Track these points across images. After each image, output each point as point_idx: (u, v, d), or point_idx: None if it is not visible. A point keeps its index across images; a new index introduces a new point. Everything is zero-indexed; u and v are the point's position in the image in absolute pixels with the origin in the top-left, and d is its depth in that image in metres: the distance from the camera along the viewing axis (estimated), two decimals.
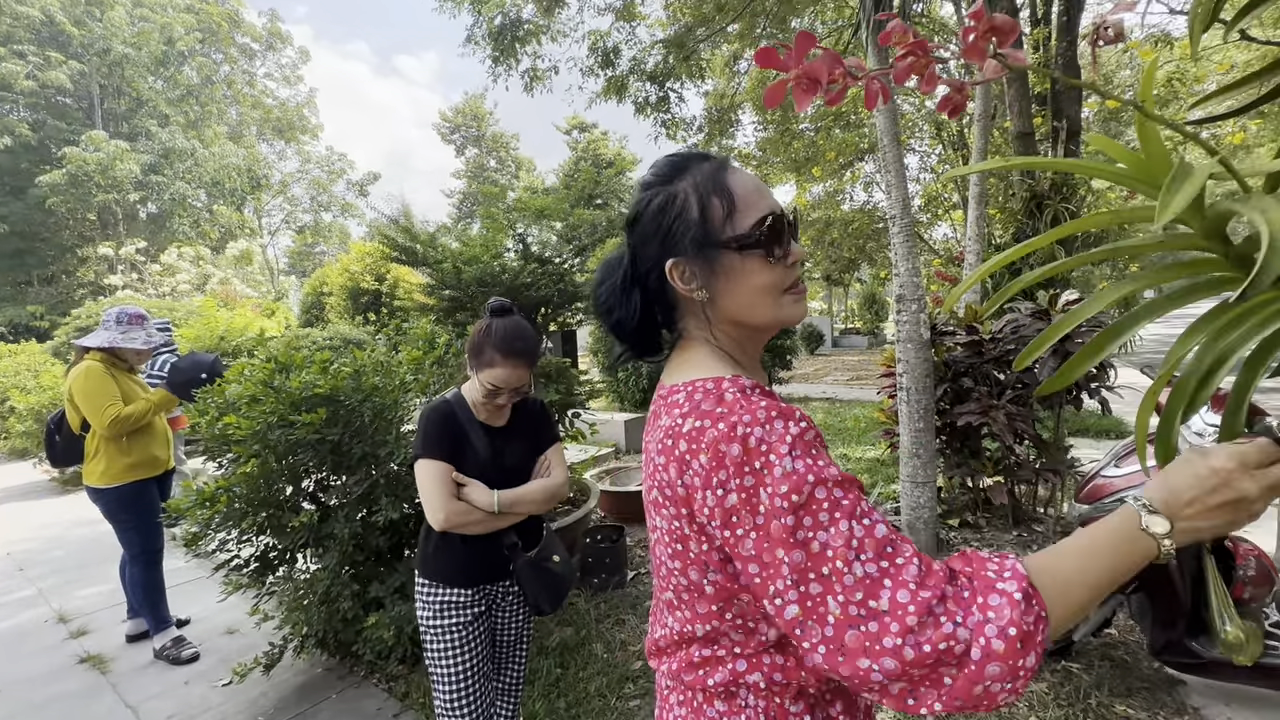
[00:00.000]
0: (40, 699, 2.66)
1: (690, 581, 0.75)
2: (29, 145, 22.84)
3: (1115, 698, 2.25)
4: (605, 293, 0.87)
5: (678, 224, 0.79)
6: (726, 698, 0.77)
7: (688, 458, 0.70)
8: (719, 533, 0.68)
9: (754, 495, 0.64)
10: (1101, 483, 2.25)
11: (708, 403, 0.71)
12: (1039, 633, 0.58)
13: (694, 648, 0.78)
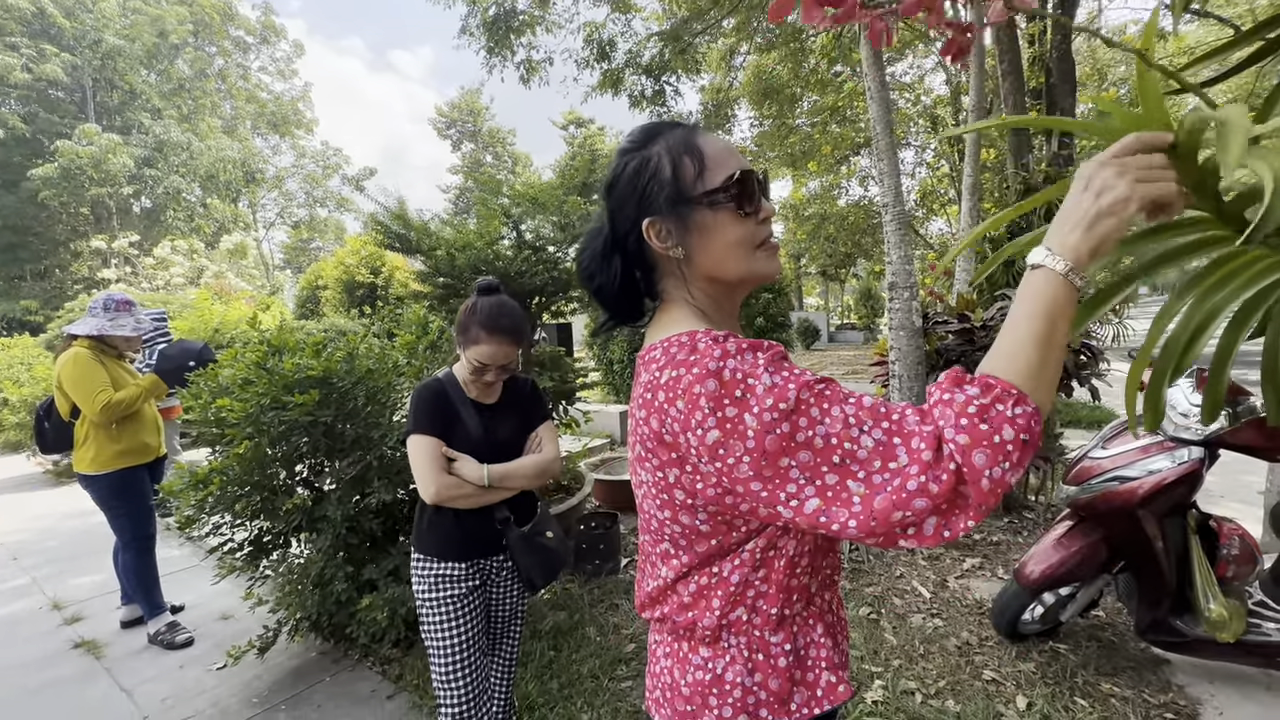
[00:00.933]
0: (35, 684, 2.67)
1: (684, 526, 0.77)
2: (21, 138, 22.68)
3: (1101, 676, 2.28)
4: (588, 259, 0.90)
5: (652, 184, 0.81)
6: (710, 642, 0.80)
7: (665, 406, 0.72)
8: (710, 467, 0.69)
9: (739, 422, 0.66)
10: (1089, 464, 2.27)
11: (681, 354, 0.74)
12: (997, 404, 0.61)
13: (682, 584, 0.81)
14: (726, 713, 0.78)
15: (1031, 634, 2.51)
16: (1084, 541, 2.25)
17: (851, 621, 2.72)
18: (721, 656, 0.79)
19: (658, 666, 0.86)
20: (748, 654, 0.79)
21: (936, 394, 0.65)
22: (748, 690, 0.78)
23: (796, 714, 0.79)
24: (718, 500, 0.72)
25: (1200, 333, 0.71)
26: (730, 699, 0.78)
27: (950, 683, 2.27)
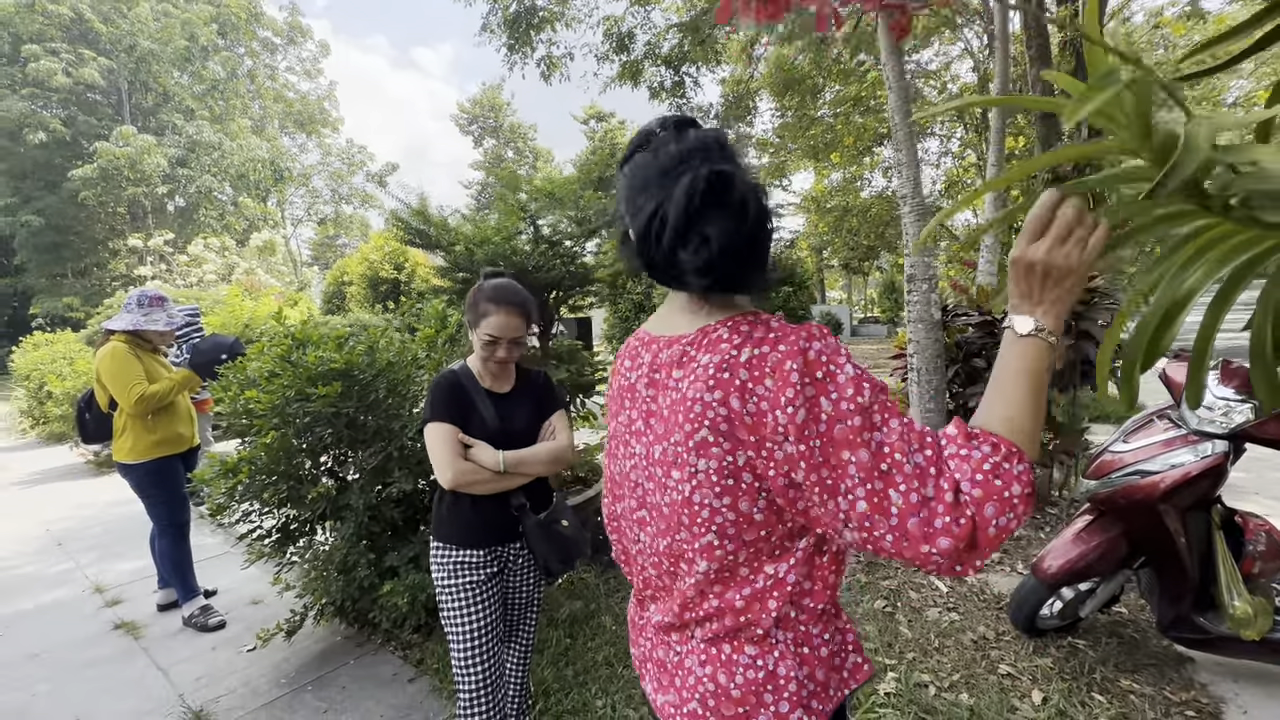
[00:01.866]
0: (78, 662, 2.81)
1: (739, 514, 0.77)
2: (62, 141, 23.46)
3: (1121, 673, 2.25)
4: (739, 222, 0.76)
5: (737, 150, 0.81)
6: (758, 640, 0.80)
7: (750, 384, 0.73)
8: (792, 447, 0.70)
9: (815, 404, 0.69)
10: (1110, 458, 2.23)
11: (759, 332, 0.75)
12: (1006, 462, 0.67)
13: (734, 590, 0.80)
14: (784, 708, 0.77)
15: (1050, 629, 2.49)
16: (1104, 536, 2.22)
17: (866, 614, 2.72)
18: (770, 653, 0.79)
19: (691, 678, 0.83)
20: (795, 648, 0.80)
21: (952, 448, 0.70)
22: (801, 683, 0.79)
23: (834, 698, 0.82)
24: (782, 491, 0.74)
25: (1173, 316, 0.71)
26: (786, 693, 0.78)
27: (965, 676, 2.27)
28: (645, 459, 0.86)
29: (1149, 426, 2.21)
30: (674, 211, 0.75)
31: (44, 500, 5.81)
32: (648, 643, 0.94)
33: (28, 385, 9.19)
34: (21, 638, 3.06)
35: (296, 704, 2.38)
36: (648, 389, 0.87)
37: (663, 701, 0.87)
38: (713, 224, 0.75)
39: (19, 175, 23.41)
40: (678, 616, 0.85)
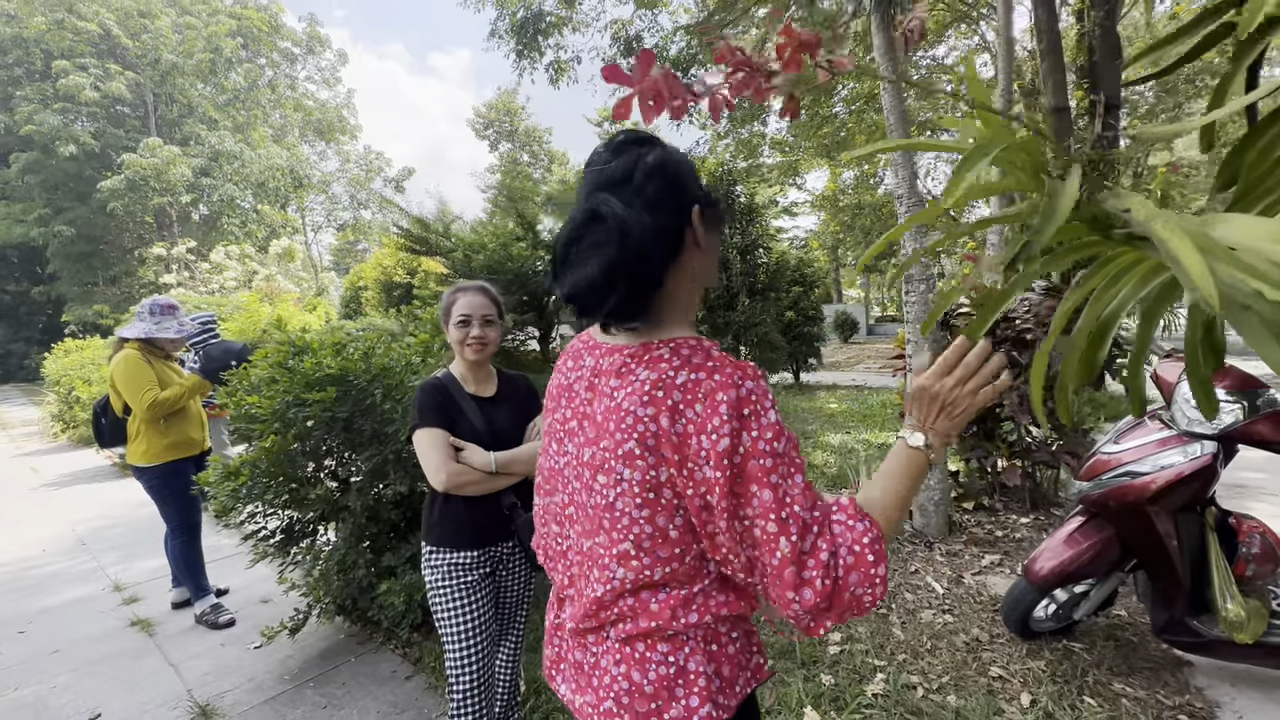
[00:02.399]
0: (96, 657, 2.92)
1: (656, 528, 0.80)
2: (92, 153, 24.15)
3: (1115, 676, 2.23)
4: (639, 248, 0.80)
5: (692, 180, 0.85)
6: (670, 638, 0.83)
7: (681, 406, 0.77)
8: (710, 473, 0.75)
9: (738, 437, 0.74)
10: (1102, 459, 2.21)
11: (697, 357, 0.80)
12: (878, 543, 0.76)
13: (649, 595, 0.83)
14: (694, 702, 0.81)
15: (1045, 632, 2.47)
16: (1096, 538, 2.20)
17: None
18: (681, 649, 0.83)
19: (606, 678, 0.85)
20: (704, 645, 0.84)
21: (841, 516, 0.78)
22: (710, 679, 0.83)
23: (740, 694, 0.87)
24: (697, 512, 0.78)
25: (1102, 334, 0.73)
26: (696, 688, 0.82)
27: (954, 678, 2.26)
28: (576, 459, 0.89)
29: (1140, 427, 2.19)
30: (556, 251, 0.83)
31: (71, 501, 6.02)
32: (563, 644, 0.96)
33: (58, 390, 9.51)
34: (44, 634, 3.18)
35: (298, 699, 2.45)
36: (586, 392, 0.90)
37: (581, 703, 0.89)
38: (583, 264, 0.80)
39: (51, 187, 24.16)
40: (594, 619, 0.87)
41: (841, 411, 7.66)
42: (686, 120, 11.29)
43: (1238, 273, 0.49)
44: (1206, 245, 0.51)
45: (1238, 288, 0.49)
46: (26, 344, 25.97)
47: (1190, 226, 0.53)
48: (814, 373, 11.55)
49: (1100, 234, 0.68)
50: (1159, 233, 0.53)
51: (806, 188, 21.39)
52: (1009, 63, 4.89)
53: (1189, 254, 0.49)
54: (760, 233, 5.38)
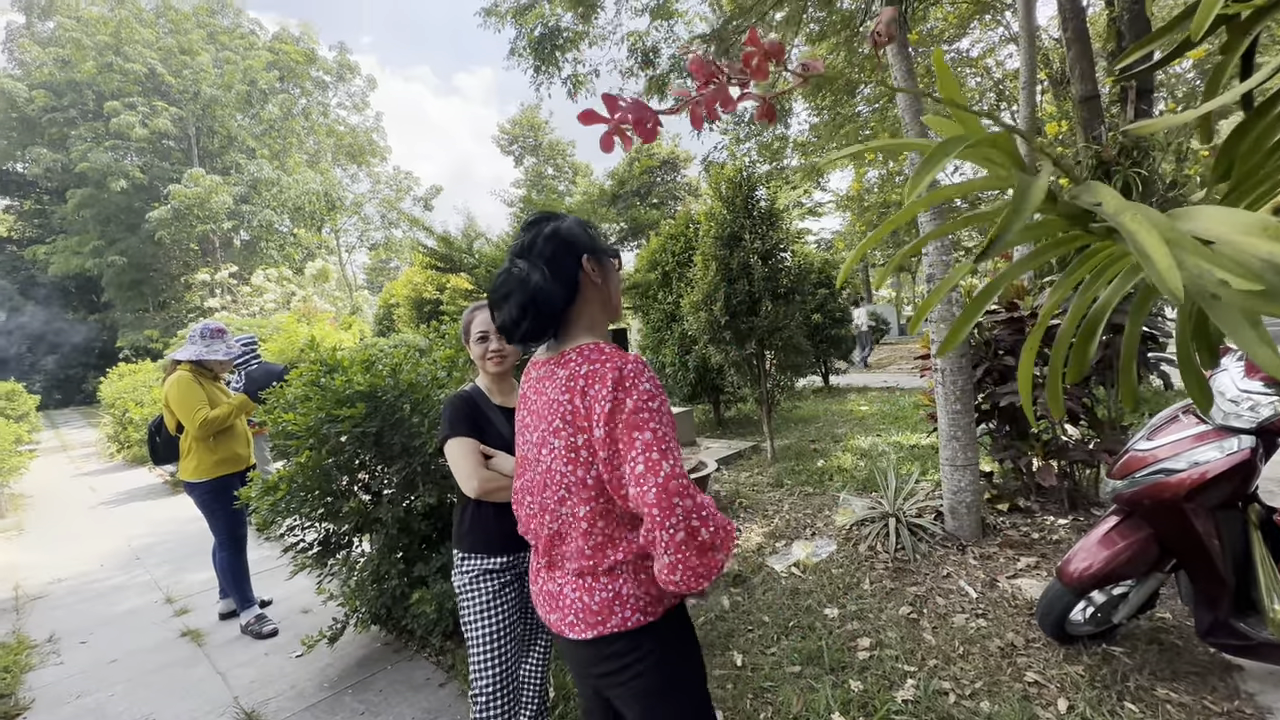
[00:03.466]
0: (151, 666, 3.06)
1: (577, 479, 1.13)
2: (141, 186, 25.42)
3: (1158, 681, 2.15)
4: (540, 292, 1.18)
5: (586, 237, 1.25)
6: (608, 572, 1.16)
7: (584, 387, 1.11)
8: (602, 430, 1.07)
9: (622, 400, 1.07)
10: (1135, 456, 2.15)
11: (594, 354, 1.14)
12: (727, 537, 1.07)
13: (587, 536, 1.15)
14: (627, 613, 1.14)
15: (1083, 635, 2.40)
16: (1132, 538, 2.13)
17: (890, 621, 2.69)
18: (616, 580, 1.15)
19: (567, 601, 1.18)
20: (634, 575, 1.16)
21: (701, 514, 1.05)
22: (639, 598, 1.15)
23: (666, 606, 1.19)
24: (604, 462, 1.09)
25: (1092, 328, 0.73)
26: (629, 605, 1.14)
27: (988, 684, 2.22)
28: (533, 444, 1.23)
29: (1174, 423, 2.12)
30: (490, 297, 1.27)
31: (127, 518, 6.33)
32: (541, 581, 1.27)
33: (113, 413, 9.99)
34: (103, 644, 3.36)
35: (338, 706, 2.53)
36: (532, 395, 1.26)
37: (554, 619, 1.21)
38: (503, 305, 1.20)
39: (104, 220, 25.49)
40: (551, 553, 1.21)
41: (872, 414, 7.54)
42: (707, 128, 11.32)
43: (1204, 263, 0.50)
44: (1173, 237, 0.52)
45: (1205, 278, 0.50)
46: (84, 369, 27.33)
47: (1158, 219, 0.54)
48: (844, 375, 11.39)
49: (1080, 228, 0.69)
50: (1127, 225, 0.54)
51: (830, 188, 21.17)
52: (1031, 53, 4.78)
53: (1155, 246, 0.50)
54: (782, 236, 5.35)
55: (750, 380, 5.51)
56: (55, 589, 4.34)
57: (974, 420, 3.42)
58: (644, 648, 1.15)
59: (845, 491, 4.45)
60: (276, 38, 31.95)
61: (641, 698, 1.18)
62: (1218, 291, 0.51)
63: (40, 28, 26.55)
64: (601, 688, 1.23)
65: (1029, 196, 0.60)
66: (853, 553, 3.41)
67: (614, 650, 1.15)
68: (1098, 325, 0.77)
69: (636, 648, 1.15)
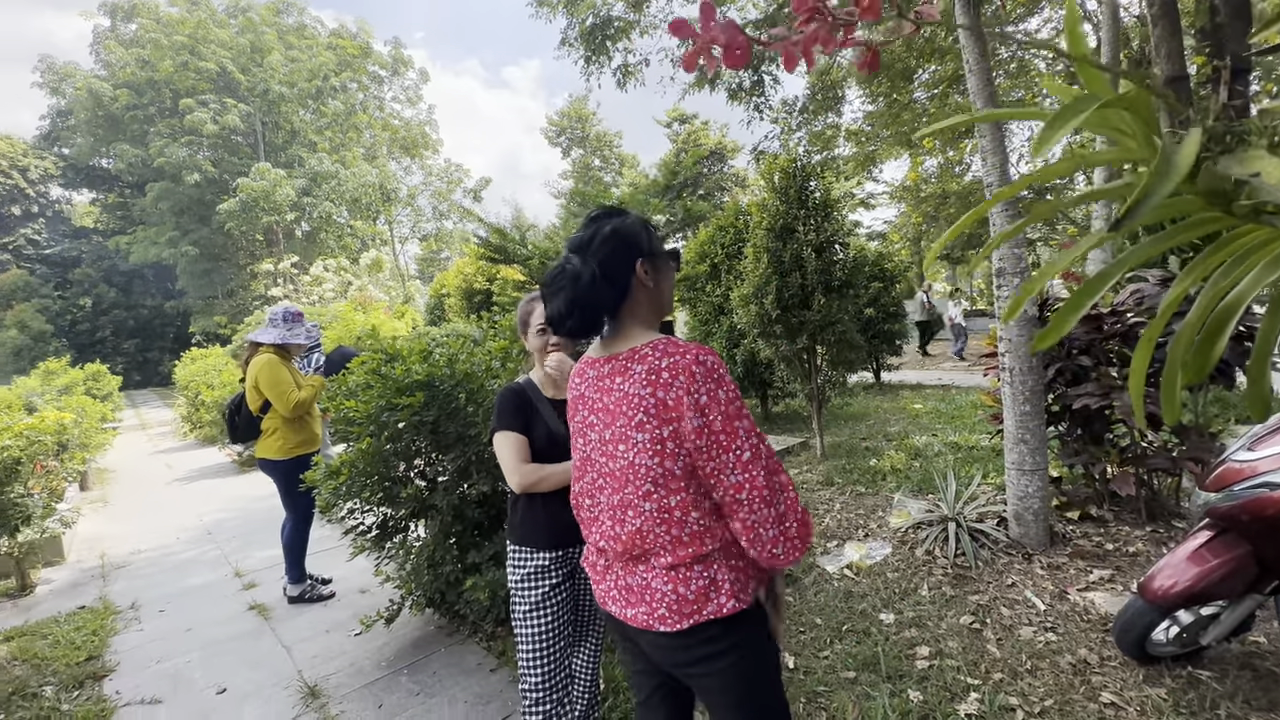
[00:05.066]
0: (222, 635, 3.24)
1: (665, 470, 1.14)
2: (212, 180, 26.86)
3: (1252, 710, 2.00)
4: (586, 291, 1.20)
5: (646, 239, 1.26)
6: (702, 561, 1.17)
7: (669, 380, 1.11)
8: (697, 419, 1.09)
9: (715, 393, 1.10)
10: (1233, 467, 1.98)
11: (670, 348, 1.15)
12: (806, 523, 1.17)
13: (681, 525, 1.16)
14: (722, 599, 1.15)
15: (1165, 656, 2.24)
16: (1227, 555, 1.97)
17: (950, 630, 2.58)
18: (711, 567, 1.17)
19: (659, 594, 1.18)
20: (727, 561, 1.18)
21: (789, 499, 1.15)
22: (733, 583, 1.17)
23: (754, 591, 1.21)
24: (696, 453, 1.11)
25: (1222, 323, 0.66)
26: (724, 590, 1.16)
27: (1059, 702, 2.10)
28: (600, 441, 1.24)
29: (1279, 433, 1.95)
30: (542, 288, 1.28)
31: (199, 494, 6.71)
32: (614, 577, 1.27)
33: (186, 394, 10.61)
34: (180, 614, 3.57)
35: (394, 686, 2.61)
36: (595, 394, 1.25)
37: (633, 613, 1.21)
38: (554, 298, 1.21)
39: (179, 212, 27.07)
40: (637, 548, 1.19)
41: (926, 412, 7.28)
42: (758, 116, 11.09)
43: None
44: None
45: None
46: (161, 352, 29.17)
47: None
48: (896, 371, 11.04)
49: (1221, 208, 0.61)
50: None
51: (884, 179, 20.48)
52: (1115, 31, 4.47)
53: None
54: (836, 228, 5.19)
55: (800, 375, 5.39)
56: (135, 559, 4.64)
57: (1044, 422, 3.24)
58: (739, 632, 1.18)
59: (900, 493, 4.31)
60: (334, 33, 33.03)
61: (736, 684, 1.20)
62: None
63: (123, 29, 28.22)
64: (689, 677, 1.24)
65: (1175, 161, 0.52)
66: (909, 556, 3.30)
67: (709, 636, 1.17)
68: (1228, 321, 0.69)
69: (731, 633, 1.17)
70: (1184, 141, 0.53)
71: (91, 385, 12.15)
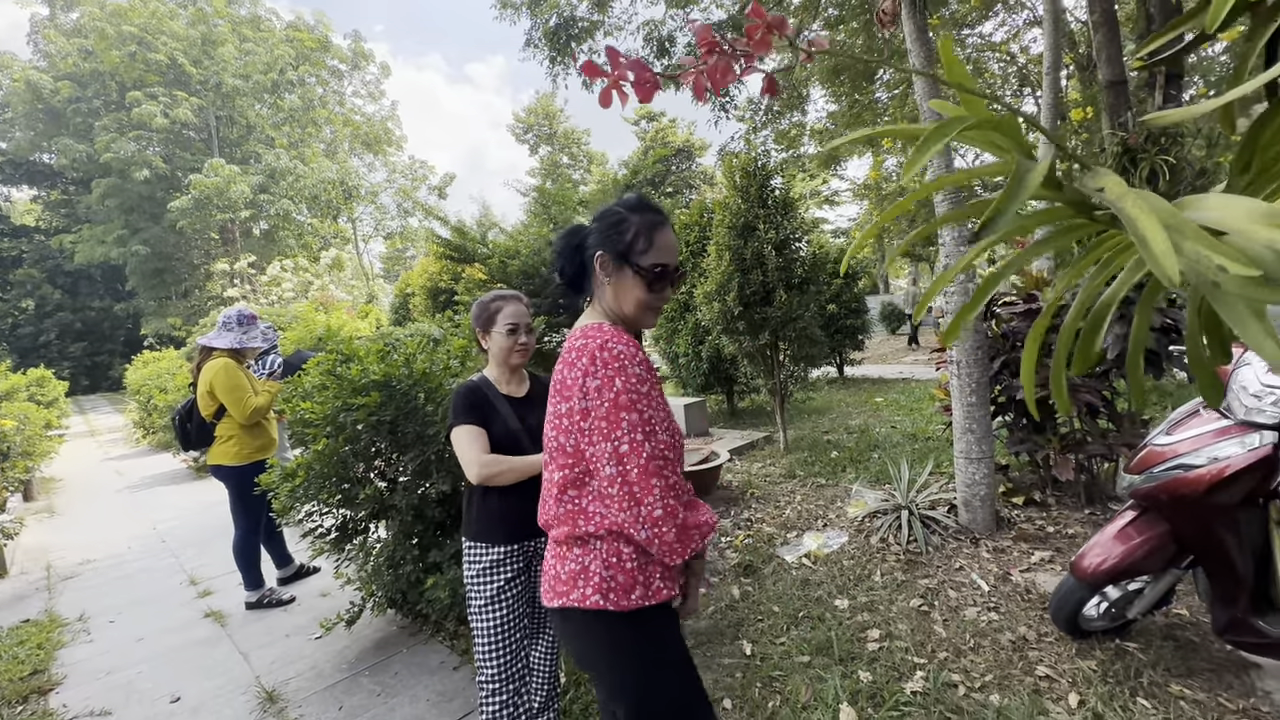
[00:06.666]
0: (176, 644, 3.16)
1: (559, 444, 1.20)
2: (163, 175, 25.84)
3: (1173, 677, 2.14)
4: (562, 246, 1.34)
5: (617, 236, 1.25)
6: (580, 544, 1.19)
7: (574, 360, 1.17)
8: (582, 402, 1.13)
9: (611, 380, 1.11)
10: (1153, 451, 2.12)
11: (589, 332, 1.19)
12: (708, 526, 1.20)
13: (559, 501, 1.20)
14: (588, 591, 1.15)
15: (1097, 631, 2.38)
16: (1149, 533, 2.11)
17: (900, 613, 2.69)
18: (587, 554, 1.17)
19: (546, 566, 1.25)
20: (604, 556, 1.16)
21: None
22: (604, 578, 1.15)
23: (634, 602, 1.15)
24: (582, 434, 1.14)
25: (1099, 321, 0.73)
26: (592, 582, 1.15)
27: (998, 677, 2.21)
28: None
29: (1195, 417, 2.09)
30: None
31: (153, 502, 6.50)
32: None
33: (139, 399, 10.23)
34: (131, 623, 3.47)
35: (354, 687, 2.60)
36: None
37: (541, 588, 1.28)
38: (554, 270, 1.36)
39: (128, 209, 25.97)
40: (542, 520, 1.27)
41: (887, 404, 7.49)
42: (723, 116, 11.20)
43: (1203, 249, 0.49)
44: (1173, 223, 0.51)
45: (1203, 263, 0.49)
46: (110, 356, 27.99)
47: (1158, 205, 0.53)
48: (858, 366, 11.31)
49: (1085, 216, 0.68)
50: (1127, 210, 0.53)
51: (847, 176, 20.88)
52: (1056, 37, 4.66)
53: (1153, 230, 0.49)
54: (796, 226, 5.30)
55: (764, 371, 5.49)
56: (84, 570, 4.48)
57: (990, 413, 3.38)
58: (597, 634, 1.17)
59: (858, 483, 4.44)
60: (291, 26, 32.12)
61: (600, 686, 1.23)
62: (1216, 278, 0.50)
63: (64, 19, 26.96)
64: (577, 664, 1.28)
65: (1026, 180, 0.59)
66: (864, 544, 3.41)
67: (573, 627, 1.18)
68: (1104, 317, 0.76)
69: (590, 631, 1.17)
70: (1034, 164, 0.59)
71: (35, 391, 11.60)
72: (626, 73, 0.68)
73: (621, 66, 0.68)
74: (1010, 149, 0.67)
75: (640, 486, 1.08)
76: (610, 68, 0.69)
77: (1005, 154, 0.69)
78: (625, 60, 0.68)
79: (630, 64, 0.68)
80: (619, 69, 0.68)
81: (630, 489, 1.09)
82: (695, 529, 1.14)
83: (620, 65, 0.68)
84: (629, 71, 0.68)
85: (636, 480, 1.08)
